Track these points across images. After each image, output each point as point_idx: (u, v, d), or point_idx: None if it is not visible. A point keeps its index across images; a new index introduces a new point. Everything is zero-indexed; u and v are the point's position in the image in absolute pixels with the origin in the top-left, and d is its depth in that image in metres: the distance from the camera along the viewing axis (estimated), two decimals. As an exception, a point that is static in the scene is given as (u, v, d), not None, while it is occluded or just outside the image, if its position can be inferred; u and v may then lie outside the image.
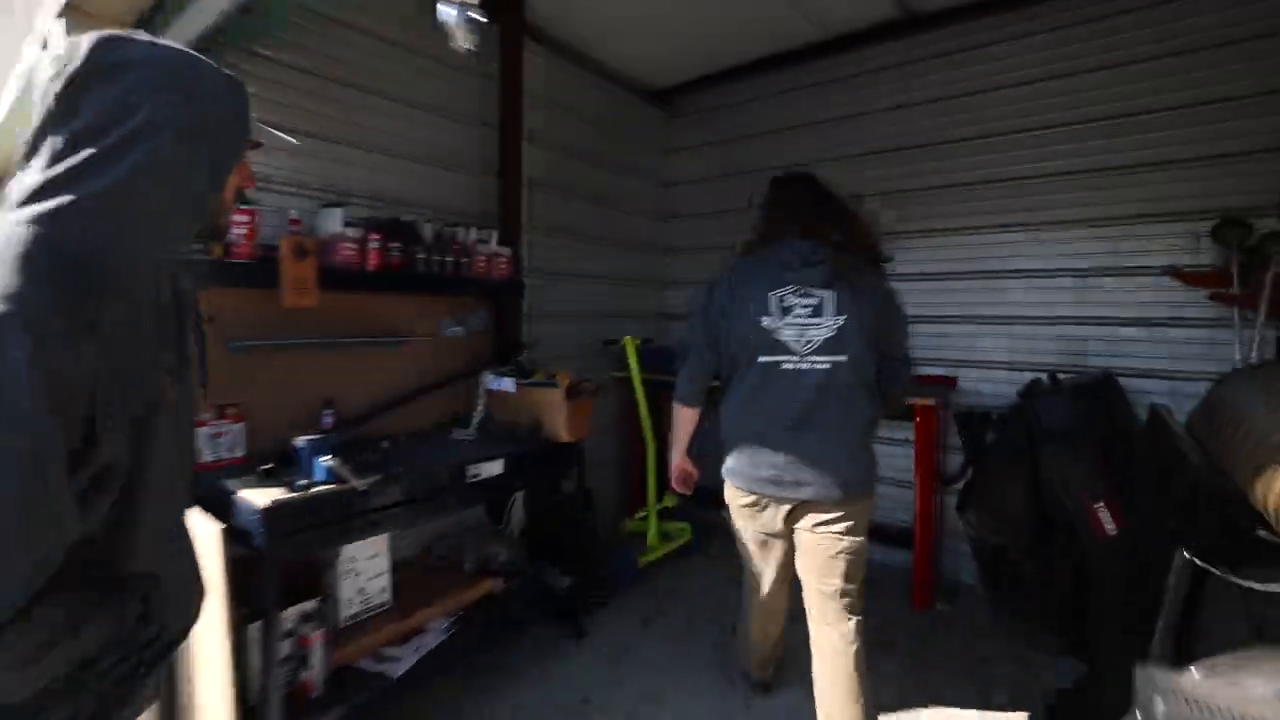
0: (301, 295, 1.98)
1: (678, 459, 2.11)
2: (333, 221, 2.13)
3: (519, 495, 2.84)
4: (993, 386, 3.07)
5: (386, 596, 2.23)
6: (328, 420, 2.30)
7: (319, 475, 1.76)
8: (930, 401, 2.77)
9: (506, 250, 2.69)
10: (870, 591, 2.77)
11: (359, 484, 1.79)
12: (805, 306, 1.73)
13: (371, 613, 2.17)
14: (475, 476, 2.16)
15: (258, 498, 1.66)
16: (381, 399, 2.49)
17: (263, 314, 2.12)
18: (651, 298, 4.13)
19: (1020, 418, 2.31)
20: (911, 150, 3.27)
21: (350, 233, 2.15)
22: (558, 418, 2.43)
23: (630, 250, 3.91)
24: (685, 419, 2.03)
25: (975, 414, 2.72)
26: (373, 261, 2.22)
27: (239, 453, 2.06)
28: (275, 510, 1.64)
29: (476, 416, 2.62)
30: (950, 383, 3.16)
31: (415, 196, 2.65)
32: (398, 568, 2.49)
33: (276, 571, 1.66)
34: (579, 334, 3.51)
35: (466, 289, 2.59)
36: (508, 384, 2.55)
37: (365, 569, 2.16)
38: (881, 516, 3.34)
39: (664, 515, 3.43)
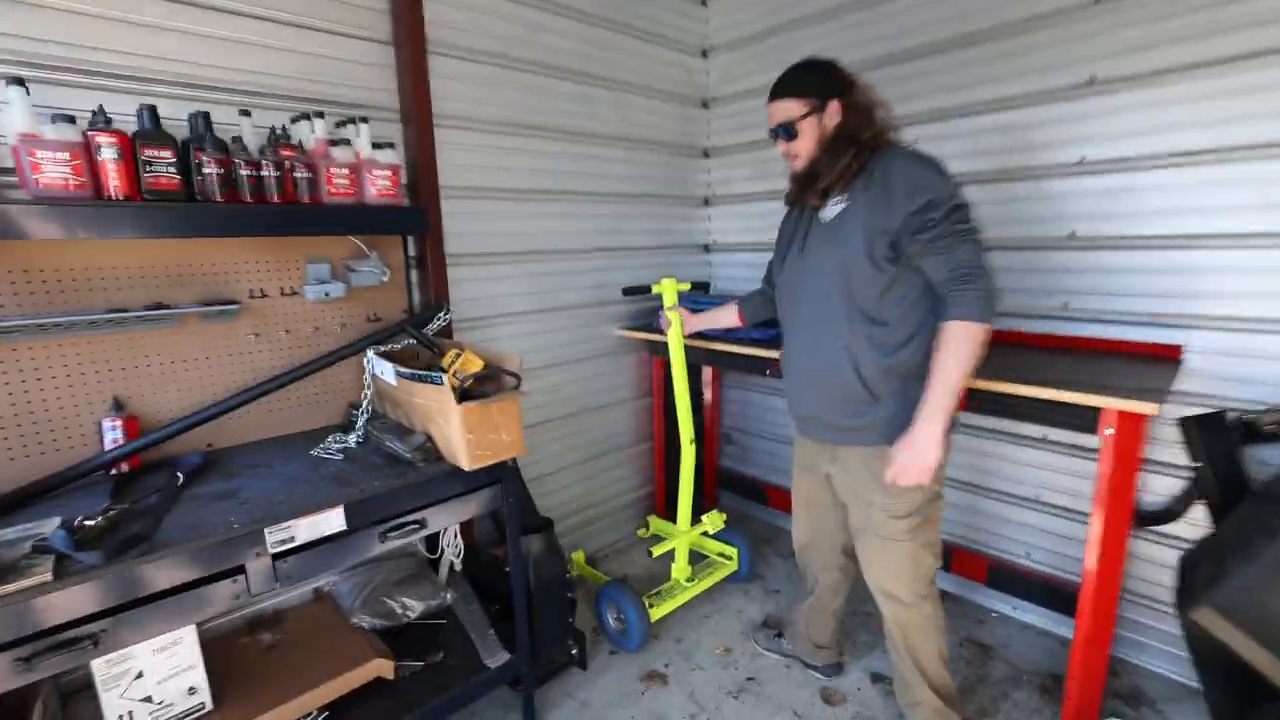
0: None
1: (941, 434, 1.35)
2: (15, 115, 1.24)
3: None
4: (1245, 365, 1.72)
5: (200, 699, 1.48)
6: (113, 434, 1.52)
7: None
8: (1142, 407, 1.39)
9: (388, 158, 1.70)
10: (993, 678, 2.04)
11: (-20, 601, 0.98)
12: None
13: (172, 727, 1.45)
14: (286, 543, 1.30)
15: None
16: (220, 393, 1.68)
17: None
18: (682, 223, 3.00)
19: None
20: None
21: (53, 134, 1.26)
22: (449, 431, 1.50)
23: (644, 152, 2.76)
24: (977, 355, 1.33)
25: (1224, 420, 1.49)
26: (119, 183, 1.33)
27: (-57, 496, 1.33)
28: None
29: (361, 417, 1.76)
30: (1169, 355, 1.83)
31: (255, 79, 1.70)
32: (261, 627, 1.78)
33: None
34: (556, 282, 2.49)
35: (317, 223, 1.63)
36: (387, 372, 1.64)
37: (153, 668, 1.41)
38: (1016, 551, 2.25)
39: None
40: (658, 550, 2.23)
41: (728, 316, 2.07)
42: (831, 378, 1.51)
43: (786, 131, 1.50)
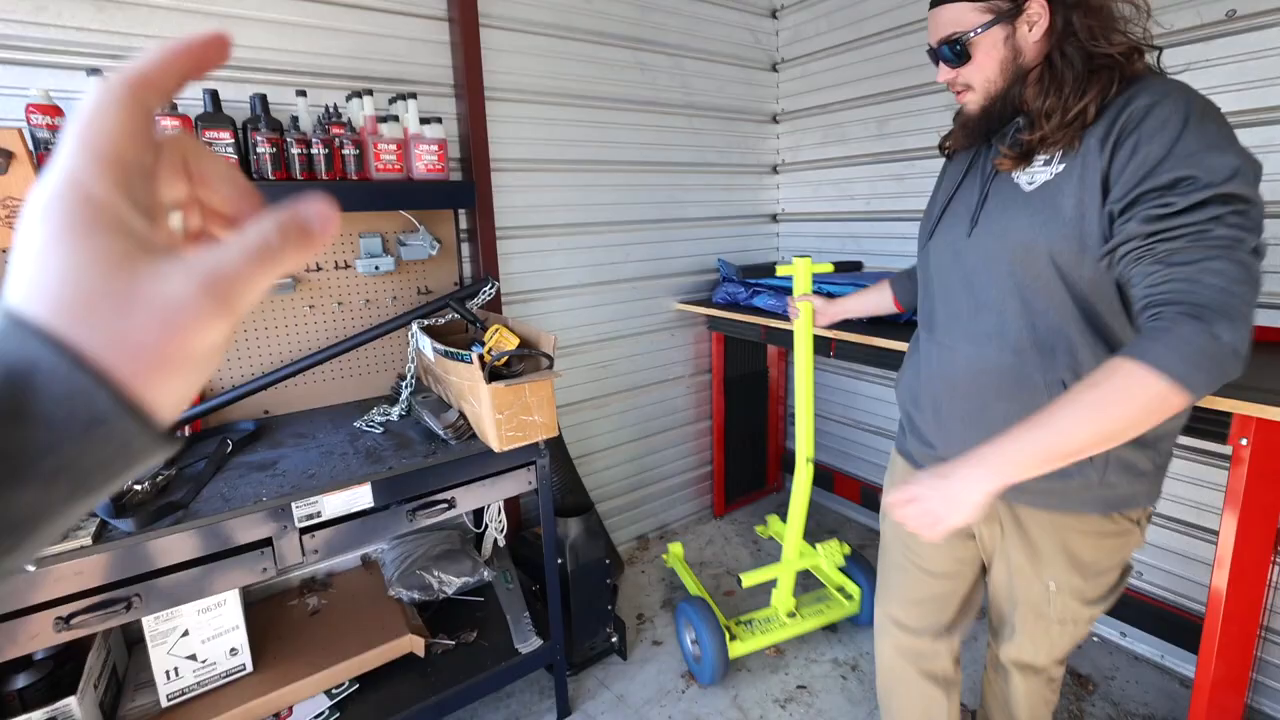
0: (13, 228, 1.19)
1: (990, 490, 0.84)
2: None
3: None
4: None
5: (241, 660, 1.53)
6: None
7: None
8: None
9: (435, 133, 1.64)
10: (1090, 717, 1.79)
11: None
12: None
13: (212, 685, 1.50)
14: (313, 518, 1.30)
15: None
16: (277, 362, 1.71)
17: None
18: (748, 192, 2.80)
19: None
20: None
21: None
22: (480, 411, 1.45)
23: (706, 120, 2.58)
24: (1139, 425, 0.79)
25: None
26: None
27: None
28: None
29: (405, 389, 1.75)
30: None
31: (314, 60, 1.69)
32: (311, 589, 1.83)
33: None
34: (611, 254, 2.39)
35: (364, 199, 1.59)
36: (426, 346, 1.61)
37: (198, 627, 1.47)
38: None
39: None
40: (750, 580, 1.91)
41: (878, 300, 1.52)
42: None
43: (953, 51, 0.97)
